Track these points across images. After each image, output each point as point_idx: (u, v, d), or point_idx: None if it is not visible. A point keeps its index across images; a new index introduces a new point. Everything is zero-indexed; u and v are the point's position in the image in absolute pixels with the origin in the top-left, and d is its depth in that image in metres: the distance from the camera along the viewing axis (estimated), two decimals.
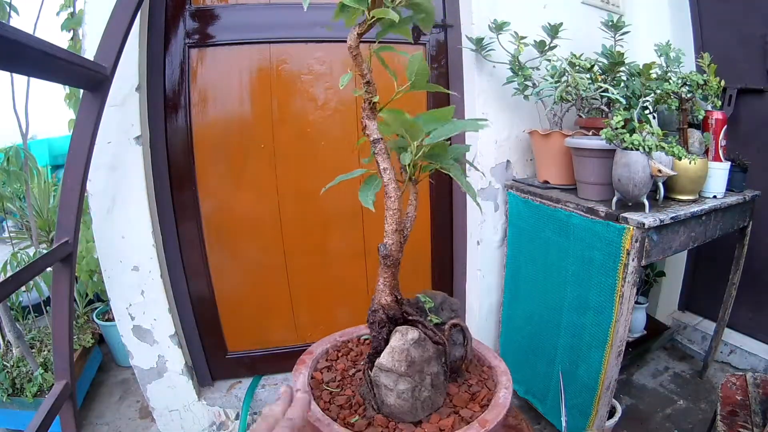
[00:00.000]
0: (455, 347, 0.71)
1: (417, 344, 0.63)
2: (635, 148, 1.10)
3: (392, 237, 0.65)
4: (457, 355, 0.70)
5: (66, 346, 1.10)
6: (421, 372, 0.64)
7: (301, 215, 1.54)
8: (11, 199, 1.94)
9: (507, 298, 1.59)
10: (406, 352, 0.63)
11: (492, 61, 1.41)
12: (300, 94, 1.46)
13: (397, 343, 0.64)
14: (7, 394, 1.50)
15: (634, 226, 1.10)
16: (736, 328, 1.84)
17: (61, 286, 1.08)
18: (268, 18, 1.39)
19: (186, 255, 1.48)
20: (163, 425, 1.52)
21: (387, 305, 0.69)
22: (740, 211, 1.41)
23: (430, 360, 0.65)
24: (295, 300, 1.62)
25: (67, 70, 0.92)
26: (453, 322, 0.71)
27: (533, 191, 1.40)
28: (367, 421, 0.65)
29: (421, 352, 0.63)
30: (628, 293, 1.14)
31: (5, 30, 0.71)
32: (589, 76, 1.29)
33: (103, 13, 1.07)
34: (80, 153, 1.05)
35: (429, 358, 0.64)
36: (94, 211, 1.27)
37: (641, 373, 1.84)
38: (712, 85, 1.31)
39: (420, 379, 0.64)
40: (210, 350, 1.59)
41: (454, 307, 0.76)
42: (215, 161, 1.45)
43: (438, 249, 1.70)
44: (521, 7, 1.46)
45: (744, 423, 1.04)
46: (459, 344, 0.71)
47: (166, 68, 1.35)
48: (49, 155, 2.65)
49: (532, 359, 1.49)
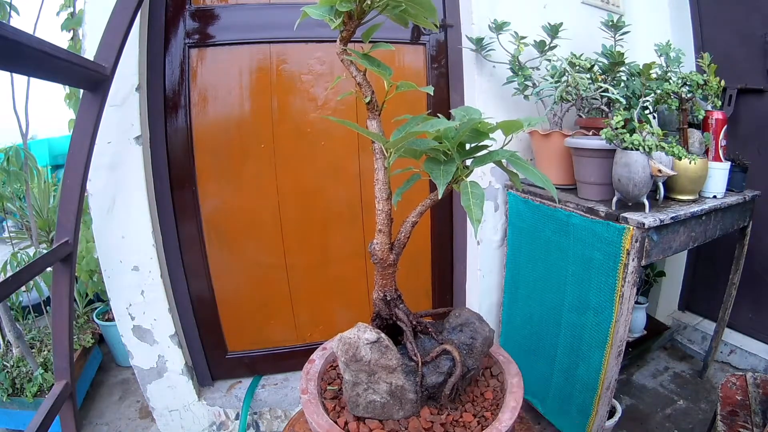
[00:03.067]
0: (434, 374, 0.64)
1: (374, 347, 0.61)
2: (635, 148, 1.10)
3: (378, 237, 0.65)
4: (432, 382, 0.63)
5: (66, 346, 1.10)
6: (372, 374, 0.62)
7: (301, 215, 1.54)
8: (11, 199, 1.94)
9: (507, 298, 1.59)
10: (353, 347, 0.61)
11: (492, 61, 1.41)
12: (300, 94, 1.46)
13: (348, 334, 0.62)
14: (7, 394, 1.50)
15: (634, 226, 1.10)
16: (736, 328, 1.83)
17: (61, 286, 1.08)
18: (268, 18, 1.39)
19: (186, 255, 1.48)
20: (163, 425, 1.52)
21: (374, 301, 0.69)
22: (740, 211, 1.41)
23: (392, 369, 0.61)
24: (295, 300, 1.62)
25: (67, 70, 0.92)
26: (444, 347, 0.65)
27: (533, 191, 1.40)
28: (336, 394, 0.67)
29: (378, 357, 0.61)
30: (628, 293, 1.14)
31: (5, 30, 0.71)
32: (589, 76, 1.29)
33: (103, 13, 1.08)
34: (80, 153, 1.05)
35: (391, 367, 0.61)
36: (94, 211, 1.27)
37: (641, 373, 1.84)
38: (712, 85, 1.31)
39: (369, 380, 0.62)
40: (210, 350, 1.59)
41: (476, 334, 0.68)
42: (215, 161, 1.45)
43: (438, 249, 1.70)
44: (521, 7, 1.46)
45: (744, 423, 1.04)
46: (440, 372, 0.64)
47: (166, 68, 1.35)
48: (49, 155, 2.65)
49: (533, 359, 1.49)
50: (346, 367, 0.63)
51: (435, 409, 0.65)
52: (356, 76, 0.63)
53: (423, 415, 0.64)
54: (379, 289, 0.69)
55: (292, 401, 1.56)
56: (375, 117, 0.66)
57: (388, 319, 0.70)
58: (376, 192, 0.65)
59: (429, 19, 0.61)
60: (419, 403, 0.64)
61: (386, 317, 0.70)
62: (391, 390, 0.62)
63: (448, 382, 0.63)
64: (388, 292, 0.69)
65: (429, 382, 0.63)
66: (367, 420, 0.64)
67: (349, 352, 0.61)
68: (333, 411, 0.67)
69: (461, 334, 0.68)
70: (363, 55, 0.62)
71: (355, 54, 0.62)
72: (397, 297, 0.70)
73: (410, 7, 0.58)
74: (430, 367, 0.65)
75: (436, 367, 0.65)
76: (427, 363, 0.65)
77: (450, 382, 0.63)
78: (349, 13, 0.59)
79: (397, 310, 0.69)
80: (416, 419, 0.64)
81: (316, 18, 0.57)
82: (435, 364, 0.65)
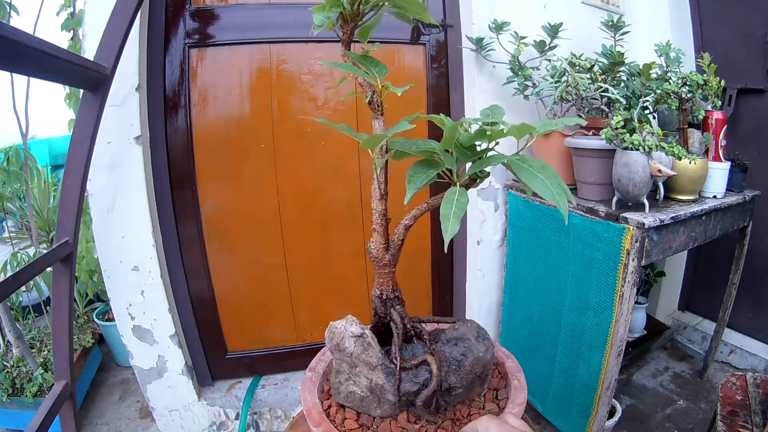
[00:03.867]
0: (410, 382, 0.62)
1: (358, 341, 0.62)
2: (635, 148, 1.10)
3: (373, 236, 0.66)
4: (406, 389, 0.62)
5: (66, 346, 1.10)
6: (353, 366, 0.63)
7: (301, 215, 1.54)
8: (11, 199, 1.94)
9: (507, 298, 1.59)
10: (339, 337, 0.62)
11: (492, 61, 1.41)
12: (300, 94, 1.46)
13: (336, 324, 0.64)
14: (7, 394, 1.50)
15: (634, 226, 1.10)
16: (736, 328, 1.84)
17: (61, 286, 1.08)
18: (268, 18, 1.39)
19: (186, 255, 1.48)
20: (163, 425, 1.52)
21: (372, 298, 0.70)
22: (740, 211, 1.41)
23: (373, 367, 0.61)
24: (295, 300, 1.62)
25: (67, 70, 0.92)
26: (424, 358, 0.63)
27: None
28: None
29: (360, 351, 0.62)
30: (628, 293, 1.14)
31: (5, 30, 0.71)
32: (589, 76, 1.29)
33: (103, 13, 1.08)
34: (80, 153, 1.05)
35: (371, 364, 0.61)
36: (94, 211, 1.27)
37: (641, 373, 1.84)
38: (712, 85, 1.31)
39: (350, 372, 0.64)
40: (210, 350, 1.59)
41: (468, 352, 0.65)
42: (215, 161, 1.45)
43: (438, 249, 1.70)
44: (521, 7, 1.46)
45: (744, 423, 1.04)
46: (416, 382, 0.62)
47: (166, 68, 1.35)
48: (49, 155, 2.65)
49: (532, 359, 1.49)
50: (332, 354, 0.65)
51: (414, 417, 0.64)
52: (357, 76, 0.63)
53: (400, 419, 0.63)
54: (377, 287, 0.69)
55: (292, 401, 1.56)
56: (378, 116, 0.66)
57: (384, 318, 0.70)
58: (372, 192, 0.65)
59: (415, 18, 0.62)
60: (398, 406, 0.63)
61: (382, 316, 0.70)
62: (371, 386, 0.62)
63: (421, 393, 0.62)
64: (385, 291, 0.69)
65: (404, 388, 0.62)
66: (346, 409, 0.66)
67: (334, 341, 0.63)
68: (326, 393, 0.70)
69: (454, 348, 0.66)
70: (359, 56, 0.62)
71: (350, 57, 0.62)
72: (395, 297, 0.69)
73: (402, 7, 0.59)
74: (409, 374, 0.63)
75: (414, 376, 0.63)
76: (407, 369, 0.63)
77: (423, 393, 0.62)
78: (343, 16, 0.60)
79: (393, 311, 0.68)
80: (390, 421, 0.64)
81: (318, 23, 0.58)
82: (414, 372, 0.63)
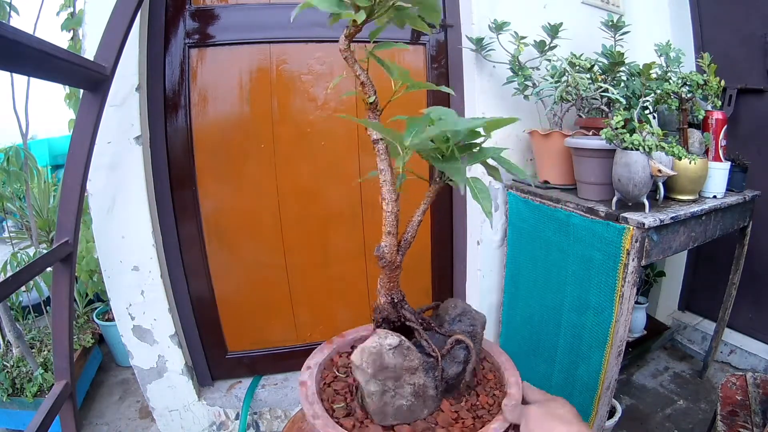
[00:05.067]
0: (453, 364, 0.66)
1: (397, 351, 0.61)
2: (635, 148, 1.10)
3: (386, 239, 0.65)
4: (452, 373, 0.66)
5: (66, 346, 1.10)
6: (397, 379, 0.62)
7: (301, 215, 1.54)
8: (11, 199, 1.95)
9: (507, 298, 1.59)
10: (378, 355, 0.60)
11: (492, 61, 1.41)
12: (300, 94, 1.46)
13: (370, 344, 0.61)
14: (7, 394, 1.50)
15: (634, 226, 1.10)
16: (736, 328, 1.84)
17: (61, 286, 1.08)
18: (268, 18, 1.39)
19: (186, 255, 1.48)
20: (163, 425, 1.52)
21: (381, 306, 0.69)
22: (740, 211, 1.41)
23: (414, 370, 0.62)
24: (295, 300, 1.62)
25: (67, 70, 0.92)
26: (456, 337, 0.67)
27: (533, 191, 1.40)
28: (348, 410, 0.66)
29: (402, 360, 0.61)
30: (628, 293, 1.14)
31: (5, 30, 0.71)
32: (589, 76, 1.29)
33: (103, 13, 1.07)
34: (80, 153, 1.05)
35: (413, 368, 0.62)
36: (94, 211, 1.27)
37: (641, 373, 1.84)
38: (712, 85, 1.31)
39: (395, 386, 0.62)
40: (210, 350, 1.59)
41: (475, 321, 0.70)
42: (215, 161, 1.45)
43: (438, 249, 1.70)
44: (521, 7, 1.46)
45: (744, 423, 1.04)
46: (458, 362, 0.66)
47: (166, 68, 1.35)
48: (49, 155, 2.65)
49: (532, 359, 1.49)
50: (372, 378, 0.62)
51: (453, 399, 0.67)
52: (360, 75, 0.62)
53: (445, 409, 0.65)
54: (386, 293, 0.68)
55: (292, 401, 1.56)
56: (376, 117, 0.66)
57: (395, 322, 0.69)
58: (385, 193, 0.64)
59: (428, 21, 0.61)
60: (439, 398, 0.66)
61: (394, 320, 0.69)
62: (414, 390, 0.63)
63: (467, 370, 0.66)
64: (395, 295, 0.69)
65: (449, 373, 0.65)
66: (396, 427, 0.64)
67: (377, 363, 0.61)
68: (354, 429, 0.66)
69: (461, 323, 0.70)
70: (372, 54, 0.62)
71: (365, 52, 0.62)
72: (402, 298, 0.70)
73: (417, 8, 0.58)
74: (447, 360, 0.66)
75: (453, 358, 0.67)
76: (444, 356, 0.66)
77: (468, 368, 0.65)
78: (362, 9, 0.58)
79: (404, 311, 0.69)
80: (441, 413, 0.65)
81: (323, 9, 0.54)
82: (451, 355, 0.67)
